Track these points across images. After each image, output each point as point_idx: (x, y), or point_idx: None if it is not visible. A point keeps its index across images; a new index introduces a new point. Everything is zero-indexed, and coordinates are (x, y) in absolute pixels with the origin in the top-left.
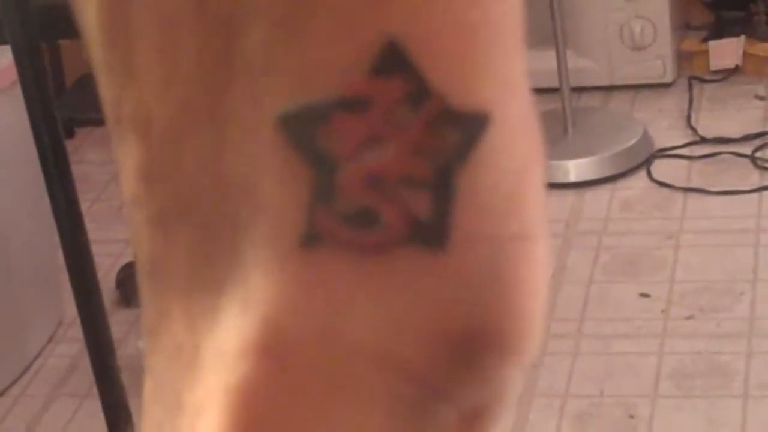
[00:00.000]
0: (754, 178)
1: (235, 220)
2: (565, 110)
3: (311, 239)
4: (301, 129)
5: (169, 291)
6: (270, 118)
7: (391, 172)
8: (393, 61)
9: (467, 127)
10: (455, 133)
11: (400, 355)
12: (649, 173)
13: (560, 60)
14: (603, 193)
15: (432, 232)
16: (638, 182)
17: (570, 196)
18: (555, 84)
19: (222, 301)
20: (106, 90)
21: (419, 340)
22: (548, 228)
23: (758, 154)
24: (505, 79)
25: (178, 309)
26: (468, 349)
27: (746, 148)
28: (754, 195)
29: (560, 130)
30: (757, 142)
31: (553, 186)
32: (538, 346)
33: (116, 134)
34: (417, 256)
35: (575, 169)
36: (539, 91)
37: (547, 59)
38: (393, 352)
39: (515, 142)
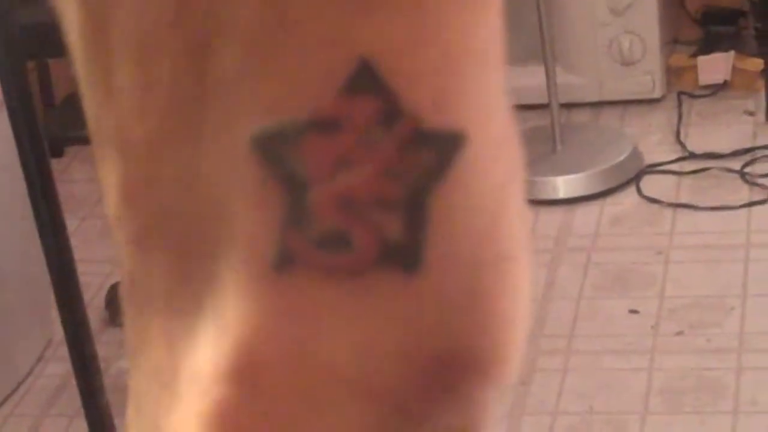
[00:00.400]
0: (744, 194)
1: (213, 241)
2: (554, 126)
3: (284, 262)
4: (274, 150)
5: (149, 311)
6: (244, 138)
7: (362, 193)
8: (365, 80)
9: (441, 148)
10: (429, 153)
11: (374, 378)
12: (638, 189)
13: (549, 76)
14: (592, 209)
15: (405, 254)
16: (627, 198)
17: (559, 212)
18: (544, 100)
19: (200, 322)
20: (89, 107)
21: (393, 363)
22: (535, 245)
23: (747, 170)
24: (481, 98)
25: (158, 329)
26: (443, 373)
27: (735, 164)
28: (744, 210)
29: (549, 147)
30: (747, 157)
31: (543, 202)
32: (517, 369)
33: (98, 152)
34: (390, 278)
35: (564, 185)
36: (528, 107)
37: (536, 75)
38: (367, 375)
39: (493, 162)
